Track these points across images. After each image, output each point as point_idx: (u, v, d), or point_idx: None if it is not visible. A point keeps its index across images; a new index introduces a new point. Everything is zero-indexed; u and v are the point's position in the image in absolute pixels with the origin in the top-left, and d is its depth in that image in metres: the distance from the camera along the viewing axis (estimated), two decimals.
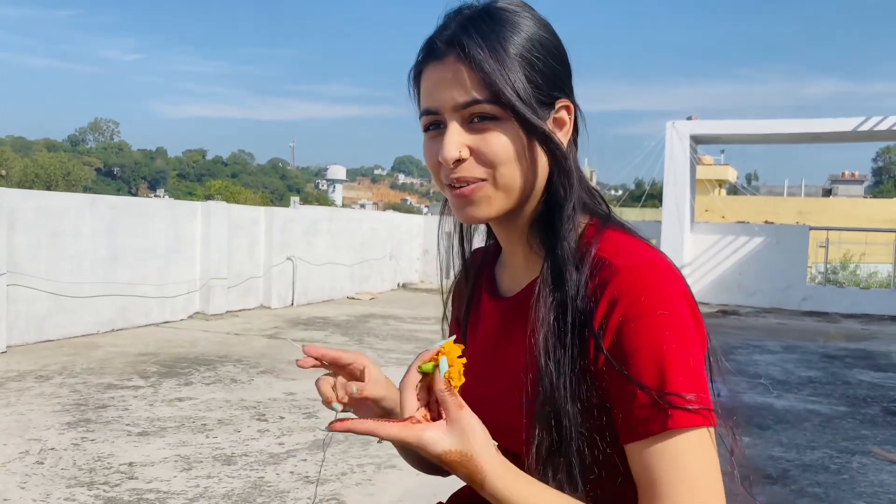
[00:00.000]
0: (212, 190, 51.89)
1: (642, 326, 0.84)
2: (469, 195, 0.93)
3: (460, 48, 0.90)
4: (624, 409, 0.86)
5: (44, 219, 6.90)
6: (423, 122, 0.96)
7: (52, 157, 69.30)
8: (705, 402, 0.85)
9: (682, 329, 0.85)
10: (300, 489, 3.28)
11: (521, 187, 0.93)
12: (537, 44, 0.92)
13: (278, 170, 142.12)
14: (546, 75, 0.92)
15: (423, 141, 0.97)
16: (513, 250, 1.04)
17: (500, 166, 0.91)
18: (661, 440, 0.84)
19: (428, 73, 0.94)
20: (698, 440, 0.84)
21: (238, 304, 9.53)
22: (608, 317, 0.87)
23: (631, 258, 0.89)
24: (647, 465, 0.85)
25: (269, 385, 5.34)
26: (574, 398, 0.89)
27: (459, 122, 0.91)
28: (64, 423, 4.20)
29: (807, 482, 3.65)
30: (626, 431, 0.86)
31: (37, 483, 3.25)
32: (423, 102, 0.95)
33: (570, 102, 0.96)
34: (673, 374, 0.83)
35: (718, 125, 13.54)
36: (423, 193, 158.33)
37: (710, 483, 0.84)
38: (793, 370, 6.76)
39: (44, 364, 5.81)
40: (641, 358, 0.84)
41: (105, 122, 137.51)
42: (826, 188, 56.32)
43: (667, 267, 0.90)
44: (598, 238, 0.93)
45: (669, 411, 0.82)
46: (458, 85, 0.90)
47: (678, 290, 0.88)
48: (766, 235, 12.93)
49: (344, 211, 14.99)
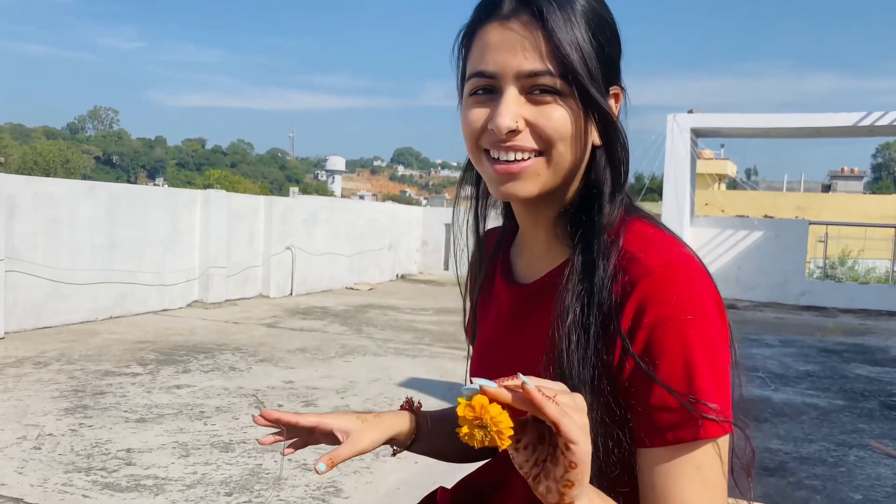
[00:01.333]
0: (211, 179, 51.83)
1: (672, 331, 0.82)
2: (518, 172, 0.87)
3: (536, 10, 0.83)
4: (649, 412, 0.83)
5: (43, 205, 6.88)
6: (471, 84, 0.88)
7: (50, 145, 69.17)
8: (727, 412, 0.83)
9: (711, 334, 0.83)
10: (298, 476, 3.28)
11: (569, 168, 0.88)
12: (604, 23, 0.87)
13: (278, 160, 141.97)
14: (609, 57, 0.87)
15: (464, 104, 0.90)
16: (534, 235, 0.99)
17: (557, 143, 0.85)
18: (689, 449, 0.82)
19: (489, 32, 0.86)
20: (719, 451, 0.82)
21: (237, 292, 9.52)
22: (638, 319, 0.83)
23: (661, 257, 0.85)
24: (667, 472, 0.82)
25: (267, 373, 5.34)
26: (594, 391, 0.86)
27: (518, 91, 0.85)
28: (62, 409, 4.20)
29: (804, 475, 3.65)
30: (649, 434, 0.83)
31: (34, 468, 3.25)
32: (475, 63, 0.87)
33: (620, 88, 0.91)
34: (701, 381, 0.81)
35: (719, 118, 13.51)
36: (423, 185, 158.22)
37: (723, 492, 0.83)
38: (791, 364, 6.76)
39: (42, 350, 5.81)
40: (670, 363, 0.82)
41: (104, 110, 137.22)
42: (825, 184, 56.30)
43: (696, 267, 0.86)
44: (625, 229, 0.89)
45: (701, 421, 0.80)
46: (526, 50, 0.83)
47: (707, 291, 0.85)
48: (765, 229, 12.93)
49: (343, 201, 14.97)
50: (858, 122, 12.14)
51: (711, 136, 15.54)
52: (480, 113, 0.87)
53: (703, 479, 0.81)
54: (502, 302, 1.05)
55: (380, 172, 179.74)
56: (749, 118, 13.40)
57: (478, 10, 0.89)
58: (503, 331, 1.03)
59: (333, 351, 6.34)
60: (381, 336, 7.28)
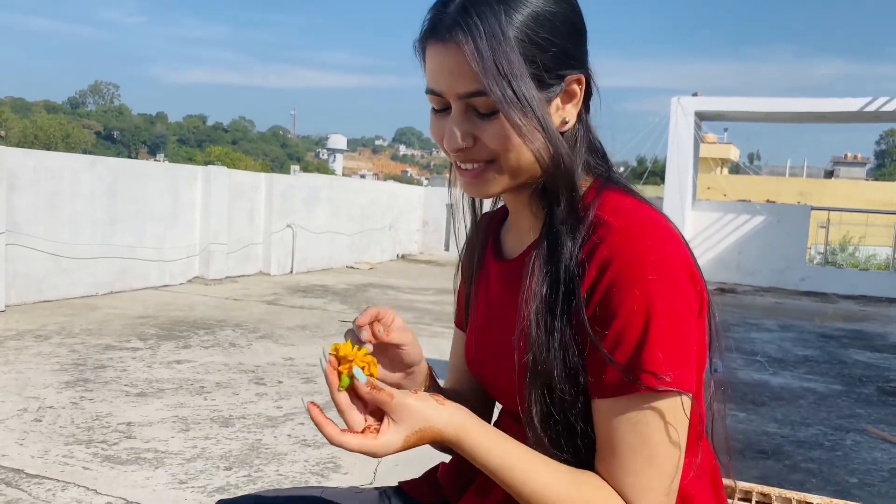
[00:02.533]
0: (212, 156, 51.70)
1: (629, 293, 0.83)
2: (475, 177, 0.93)
3: (461, 35, 0.85)
4: (597, 368, 0.86)
5: (43, 179, 6.86)
6: (429, 99, 0.94)
7: (51, 119, 68.92)
8: (682, 377, 0.83)
9: (672, 297, 0.83)
10: (297, 452, 3.30)
11: (528, 166, 0.91)
12: (546, 21, 0.88)
13: (279, 138, 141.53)
14: (554, 55, 0.88)
15: (430, 116, 0.96)
16: (520, 214, 1.04)
17: (503, 153, 0.90)
18: (630, 403, 0.84)
19: (431, 52, 0.90)
20: (666, 408, 0.84)
21: (237, 269, 9.53)
22: (598, 280, 0.85)
23: (627, 217, 0.87)
24: (611, 423, 0.85)
25: (267, 350, 5.36)
26: (564, 366, 0.88)
27: (463, 109, 0.89)
28: (62, 381, 4.21)
29: (800, 458, 3.67)
30: (597, 387, 0.86)
31: (35, 440, 3.26)
32: (428, 80, 0.92)
33: (582, 74, 0.92)
34: (651, 346, 0.82)
35: (724, 102, 13.43)
36: (424, 165, 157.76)
37: (669, 452, 0.84)
38: (789, 349, 6.78)
39: (42, 324, 5.82)
40: (623, 322, 0.83)
41: (105, 85, 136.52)
42: (828, 170, 56.17)
43: (664, 227, 0.87)
44: (598, 199, 0.91)
45: (642, 381, 0.82)
46: (458, 74, 0.87)
47: (675, 253, 0.85)
48: (767, 214, 12.91)
49: (345, 180, 14.94)
50: (864, 108, 12.07)
51: (715, 120, 15.46)
52: (439, 128, 0.93)
53: (639, 435, 0.84)
54: (491, 278, 1.09)
55: (381, 152, 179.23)
56: (754, 102, 13.32)
57: (425, 22, 0.92)
58: (492, 306, 1.07)
59: (333, 329, 6.35)
60: None
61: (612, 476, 0.85)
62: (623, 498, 0.85)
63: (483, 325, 1.08)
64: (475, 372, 1.11)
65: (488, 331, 1.06)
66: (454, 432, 0.85)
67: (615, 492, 0.85)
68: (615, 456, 0.85)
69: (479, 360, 1.09)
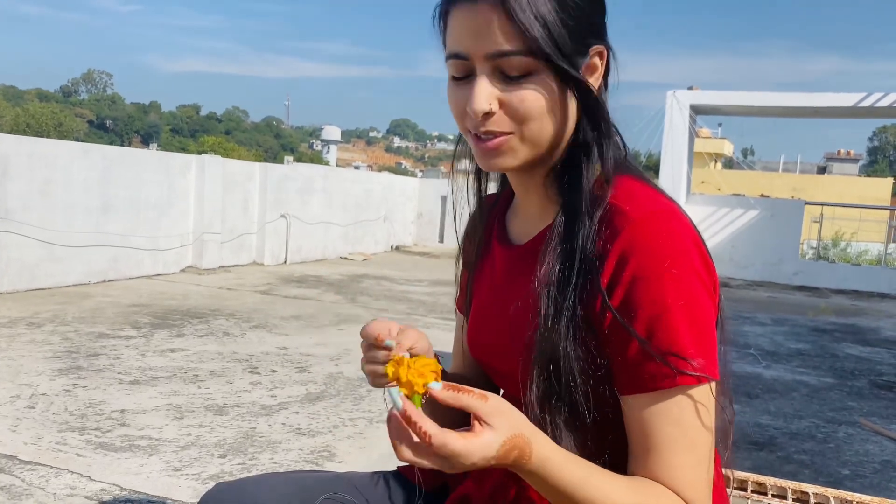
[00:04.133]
0: (205, 146, 51.49)
1: (652, 283, 0.83)
2: (495, 148, 0.90)
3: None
4: (629, 361, 0.85)
5: (37, 166, 6.81)
6: (450, 66, 0.91)
7: (43, 108, 68.47)
8: (711, 363, 0.84)
9: (692, 286, 0.84)
10: (292, 440, 3.30)
11: (549, 140, 0.90)
12: None
13: (272, 128, 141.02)
14: (582, 21, 0.88)
15: (448, 84, 0.93)
16: (528, 198, 1.02)
17: (529, 121, 0.88)
18: (668, 396, 0.84)
19: (457, 14, 0.88)
20: (700, 397, 0.84)
21: (231, 259, 9.50)
22: (620, 270, 0.85)
23: (643, 207, 0.87)
24: (650, 418, 0.84)
25: (261, 339, 5.34)
26: (573, 341, 0.88)
27: (490, 72, 0.87)
28: (55, 369, 4.19)
29: (793, 449, 3.69)
30: (630, 383, 0.85)
31: (28, 427, 3.25)
32: (451, 44, 0.90)
33: (604, 46, 0.92)
34: (681, 336, 0.83)
35: (719, 96, 13.44)
36: (419, 157, 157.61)
37: (706, 440, 0.85)
38: (782, 342, 6.81)
39: (35, 311, 5.79)
40: (649, 315, 0.83)
41: (98, 73, 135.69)
42: (821, 165, 56.35)
43: (679, 217, 0.89)
44: (613, 185, 0.91)
45: (678, 370, 0.82)
46: (491, 33, 0.84)
47: (690, 242, 0.87)
48: (760, 209, 12.94)
49: (339, 171, 14.89)
50: (859, 103, 12.10)
51: (711, 114, 15.48)
52: (460, 96, 0.90)
53: (681, 427, 0.83)
54: (496, 263, 1.08)
55: (375, 143, 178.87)
56: (749, 96, 13.33)
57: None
58: (498, 291, 1.06)
59: (327, 319, 6.34)
60: (375, 306, 7.29)
61: (660, 474, 0.84)
62: (680, 496, 0.83)
63: (488, 309, 1.07)
64: (477, 355, 1.10)
65: (494, 314, 1.05)
66: (544, 443, 0.79)
67: (671, 492, 0.83)
68: (658, 452, 0.84)
69: (483, 344, 1.08)
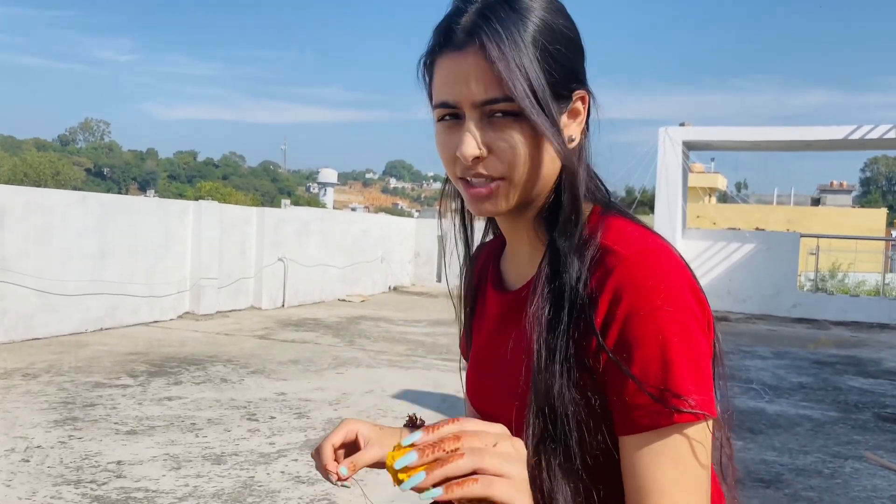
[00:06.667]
0: (202, 191, 51.71)
1: (647, 322, 0.83)
2: (487, 194, 0.91)
3: (479, 41, 0.85)
4: (625, 400, 0.84)
5: (33, 215, 6.83)
6: (438, 112, 0.92)
7: (41, 157, 68.94)
8: (707, 400, 0.83)
9: (686, 323, 0.83)
10: (291, 489, 3.24)
11: (536, 183, 0.91)
12: (557, 34, 0.89)
13: (269, 172, 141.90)
14: (564, 67, 0.89)
15: (436, 131, 0.94)
16: (518, 242, 1.02)
17: (518, 165, 0.89)
18: (665, 434, 0.82)
19: (444, 62, 0.89)
20: (698, 435, 0.83)
21: (228, 304, 9.46)
22: (613, 309, 0.85)
23: (634, 245, 0.87)
24: (646, 458, 0.83)
25: (259, 385, 5.29)
26: (568, 383, 0.87)
27: (478, 118, 0.88)
28: (51, 420, 4.14)
29: (800, 486, 3.64)
30: (627, 423, 0.84)
31: (22, 481, 3.20)
32: (438, 94, 0.91)
33: (586, 91, 0.93)
34: (676, 372, 0.82)
35: (711, 132, 13.59)
36: (415, 198, 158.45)
37: (704, 477, 0.84)
38: (784, 375, 6.76)
39: (31, 362, 5.74)
40: (645, 354, 0.82)
41: (96, 122, 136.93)
42: (815, 197, 56.74)
43: (670, 255, 0.88)
44: (602, 225, 0.91)
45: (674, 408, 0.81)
46: (477, 81, 0.86)
47: (683, 279, 0.86)
48: (756, 242, 12.98)
49: (336, 212, 14.95)
50: (849, 136, 12.23)
51: (703, 149, 15.63)
52: (449, 141, 0.91)
53: (680, 465, 0.82)
54: (492, 310, 1.07)
55: (372, 185, 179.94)
56: (740, 131, 13.48)
57: (435, 37, 0.92)
58: (494, 338, 1.05)
59: (326, 363, 6.30)
60: (373, 348, 7.24)
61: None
62: None
63: (484, 356, 1.07)
64: (476, 403, 1.09)
65: (490, 361, 1.05)
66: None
67: None
68: (657, 493, 0.82)
69: (480, 391, 1.07)
